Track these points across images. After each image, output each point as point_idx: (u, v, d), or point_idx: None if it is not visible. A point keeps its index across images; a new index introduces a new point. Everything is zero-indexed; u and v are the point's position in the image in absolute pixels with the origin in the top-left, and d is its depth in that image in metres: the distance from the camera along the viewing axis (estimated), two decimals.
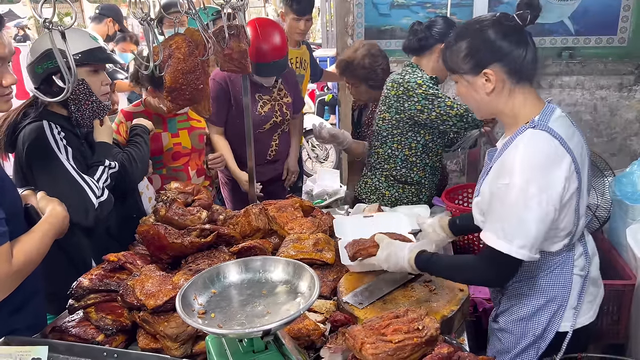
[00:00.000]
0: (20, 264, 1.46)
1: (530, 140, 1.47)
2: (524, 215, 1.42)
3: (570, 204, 1.51)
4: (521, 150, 1.46)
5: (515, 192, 1.43)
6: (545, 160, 1.45)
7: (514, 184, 1.43)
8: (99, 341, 1.62)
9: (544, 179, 1.43)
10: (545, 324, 1.62)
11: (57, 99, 1.32)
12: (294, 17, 3.46)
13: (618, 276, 2.45)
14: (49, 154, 1.90)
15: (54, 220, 1.62)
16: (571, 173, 1.48)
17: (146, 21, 1.59)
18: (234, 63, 2.30)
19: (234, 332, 1.19)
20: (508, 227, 1.44)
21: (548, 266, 1.61)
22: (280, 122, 3.09)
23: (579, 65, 3.74)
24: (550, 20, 3.68)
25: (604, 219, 2.64)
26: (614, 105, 3.78)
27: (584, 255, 1.65)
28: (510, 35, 1.51)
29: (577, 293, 1.62)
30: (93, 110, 2.02)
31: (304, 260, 1.69)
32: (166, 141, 2.73)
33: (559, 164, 1.46)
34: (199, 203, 2.22)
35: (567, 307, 1.61)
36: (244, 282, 1.38)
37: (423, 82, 2.44)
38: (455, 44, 1.57)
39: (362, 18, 3.88)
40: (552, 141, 1.46)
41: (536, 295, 1.63)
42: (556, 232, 1.54)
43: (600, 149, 3.44)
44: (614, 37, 3.67)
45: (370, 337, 1.33)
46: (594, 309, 1.70)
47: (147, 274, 1.69)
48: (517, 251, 1.43)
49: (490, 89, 1.53)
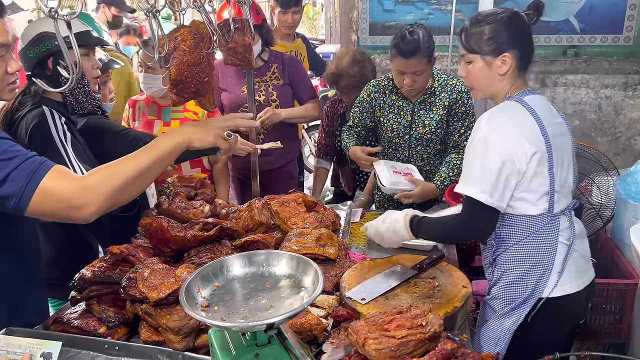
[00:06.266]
0: (99, 182, 1.35)
1: (499, 106, 1.76)
2: (484, 163, 1.66)
3: (539, 163, 1.67)
4: (490, 111, 1.73)
5: (479, 142, 1.67)
6: (508, 119, 1.69)
7: (479, 136, 1.67)
8: (101, 333, 1.61)
9: (505, 134, 1.66)
10: (532, 287, 1.73)
11: (62, 89, 1.31)
12: (280, 10, 3.51)
13: (621, 275, 2.45)
14: (50, 140, 1.91)
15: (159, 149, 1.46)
16: (534, 135, 1.67)
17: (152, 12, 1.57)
18: (238, 57, 2.29)
19: (237, 326, 1.19)
20: (472, 173, 1.69)
21: (532, 230, 1.74)
22: (265, 102, 3.06)
23: (584, 63, 3.73)
24: (556, 18, 3.67)
25: (608, 218, 2.63)
26: (619, 104, 3.77)
27: (570, 228, 1.78)
28: (526, 28, 1.77)
29: (562, 259, 1.74)
30: (86, 94, 2.02)
31: (306, 255, 1.67)
32: (157, 128, 2.78)
33: (522, 126, 1.68)
34: (202, 197, 2.21)
35: (552, 271, 1.73)
36: (248, 276, 1.37)
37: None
38: (477, 27, 1.75)
39: (366, 14, 3.87)
40: (520, 108, 1.71)
41: (522, 260, 1.76)
42: (529, 192, 1.71)
43: (604, 148, 3.43)
44: (619, 36, 3.65)
45: (373, 333, 1.33)
46: (580, 281, 1.78)
47: (149, 266, 1.69)
48: (478, 195, 1.65)
49: (505, 70, 1.74)
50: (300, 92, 3.22)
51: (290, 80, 3.16)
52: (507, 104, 1.74)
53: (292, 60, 3.21)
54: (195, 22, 1.96)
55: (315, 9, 13.76)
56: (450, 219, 1.84)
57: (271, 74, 3.11)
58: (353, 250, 2.22)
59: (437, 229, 1.87)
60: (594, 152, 2.55)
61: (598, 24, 3.65)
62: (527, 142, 1.66)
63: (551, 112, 1.78)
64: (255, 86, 3.04)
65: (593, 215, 2.64)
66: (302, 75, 3.27)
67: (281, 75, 3.13)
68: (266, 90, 3.06)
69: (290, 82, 3.17)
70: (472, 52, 1.77)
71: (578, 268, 1.78)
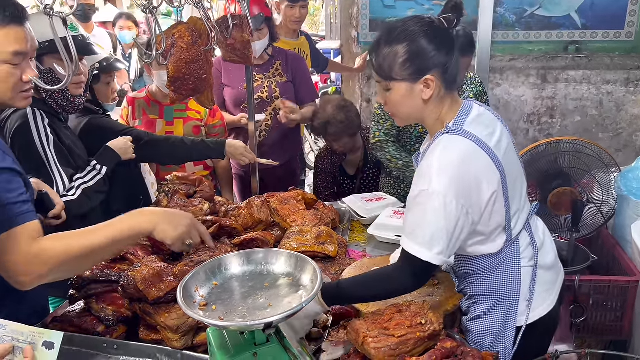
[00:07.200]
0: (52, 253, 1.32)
1: (446, 147, 1.45)
2: (442, 223, 1.40)
3: (496, 201, 1.47)
4: (437, 156, 1.44)
5: (433, 198, 1.40)
6: (460, 165, 1.42)
7: (432, 190, 1.40)
8: (99, 332, 1.61)
9: (461, 184, 1.41)
10: (502, 321, 1.59)
11: (57, 87, 1.31)
12: (288, 4, 3.45)
13: (622, 272, 2.43)
14: (31, 146, 1.91)
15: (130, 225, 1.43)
16: (491, 172, 1.45)
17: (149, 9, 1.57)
18: (237, 53, 2.29)
19: (235, 325, 1.19)
20: (427, 234, 1.41)
21: (494, 265, 1.57)
22: (267, 99, 3.05)
23: (586, 59, 3.71)
24: (557, 14, 3.64)
25: (609, 214, 2.62)
26: (620, 100, 3.75)
27: (532, 244, 1.60)
28: (447, 40, 1.46)
29: (529, 285, 1.58)
30: (66, 98, 2.01)
31: (306, 253, 1.68)
32: (159, 128, 2.76)
33: (475, 167, 1.43)
34: (201, 195, 2.21)
35: (520, 300, 1.58)
36: (246, 274, 1.37)
37: None
38: (388, 47, 1.45)
39: (366, 10, 3.84)
40: (468, 145, 1.44)
41: (487, 294, 1.59)
42: (487, 233, 1.51)
43: (605, 145, 3.41)
44: (621, 31, 3.63)
45: (372, 331, 1.32)
46: (552, 297, 1.65)
47: (148, 264, 1.68)
48: (435, 257, 1.41)
49: (429, 95, 1.46)
50: (302, 91, 3.18)
51: (294, 78, 3.14)
52: (453, 144, 1.45)
53: (295, 58, 3.19)
54: (193, 19, 1.95)
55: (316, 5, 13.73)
56: (385, 276, 1.52)
57: (274, 70, 3.09)
58: (353, 247, 2.22)
59: (363, 292, 1.53)
60: (595, 149, 2.53)
61: (600, 20, 3.63)
62: (486, 185, 1.44)
63: (488, 127, 1.52)
64: (259, 82, 3.03)
65: (594, 212, 2.62)
66: (305, 74, 3.25)
67: (284, 72, 3.11)
68: (269, 86, 3.05)
69: (293, 80, 3.15)
70: (387, 80, 1.47)
71: (545, 286, 1.63)
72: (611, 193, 2.59)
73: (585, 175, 2.61)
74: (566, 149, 2.54)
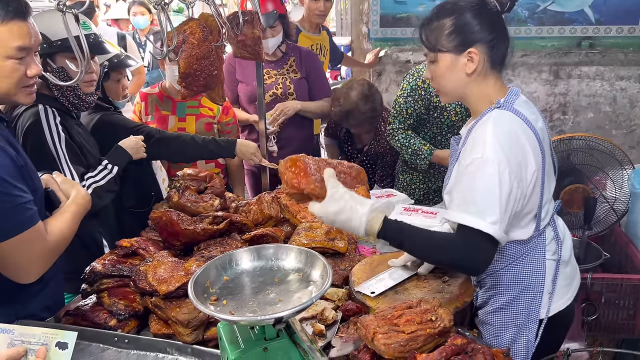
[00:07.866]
0: (55, 241, 1.53)
1: (497, 119, 1.47)
2: (495, 191, 1.39)
3: (535, 183, 1.49)
4: (491, 127, 1.45)
5: (488, 165, 1.40)
6: (513, 136, 1.45)
7: (487, 158, 1.40)
8: (111, 326, 1.62)
9: (513, 155, 1.42)
10: (525, 313, 1.59)
11: (70, 83, 1.32)
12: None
13: (635, 270, 2.41)
14: (43, 144, 1.92)
15: (81, 201, 1.65)
16: (536, 152, 1.48)
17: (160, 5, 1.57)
18: (247, 49, 2.29)
19: (245, 320, 1.19)
20: (480, 202, 1.40)
21: (521, 254, 1.58)
22: (282, 95, 3.04)
23: (599, 55, 3.67)
24: (570, 9, 3.61)
25: (622, 212, 2.59)
26: (634, 96, 3.70)
27: (555, 239, 1.62)
28: (495, 18, 1.51)
29: (552, 278, 1.60)
30: (77, 96, 2.02)
31: (316, 249, 1.68)
32: (172, 124, 2.77)
33: (526, 143, 1.46)
34: (212, 190, 2.22)
35: (543, 293, 1.59)
36: (257, 270, 1.37)
37: None
38: (437, 20, 1.52)
39: (377, 5, 3.83)
40: (518, 121, 1.48)
41: (511, 285, 1.60)
42: (523, 215, 1.53)
43: (619, 141, 3.37)
44: (635, 26, 3.58)
45: (382, 327, 1.32)
46: (570, 293, 1.67)
47: (159, 259, 1.69)
48: (489, 227, 1.38)
49: (472, 69, 1.50)
50: (316, 88, 3.15)
51: (307, 75, 3.13)
52: (505, 117, 1.48)
53: (309, 55, 3.17)
54: (204, 15, 1.95)
55: None
56: (450, 244, 1.48)
57: (288, 67, 3.08)
58: (362, 244, 2.21)
59: (426, 250, 1.51)
60: (608, 145, 2.51)
61: (613, 15, 3.59)
62: (531, 163, 1.46)
63: (533, 113, 1.56)
64: (273, 79, 3.03)
65: (607, 210, 2.60)
66: (319, 71, 3.22)
67: (298, 68, 3.09)
68: (283, 83, 3.04)
69: (307, 77, 3.13)
70: (433, 51, 1.53)
71: (566, 281, 1.65)
72: (624, 190, 2.57)
73: (598, 172, 2.58)
74: (579, 146, 2.52)
